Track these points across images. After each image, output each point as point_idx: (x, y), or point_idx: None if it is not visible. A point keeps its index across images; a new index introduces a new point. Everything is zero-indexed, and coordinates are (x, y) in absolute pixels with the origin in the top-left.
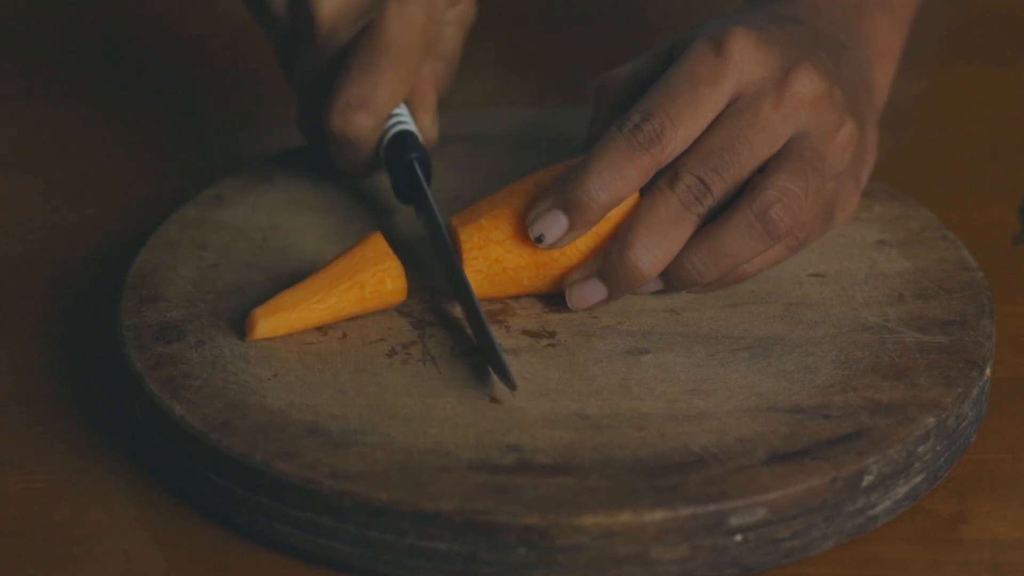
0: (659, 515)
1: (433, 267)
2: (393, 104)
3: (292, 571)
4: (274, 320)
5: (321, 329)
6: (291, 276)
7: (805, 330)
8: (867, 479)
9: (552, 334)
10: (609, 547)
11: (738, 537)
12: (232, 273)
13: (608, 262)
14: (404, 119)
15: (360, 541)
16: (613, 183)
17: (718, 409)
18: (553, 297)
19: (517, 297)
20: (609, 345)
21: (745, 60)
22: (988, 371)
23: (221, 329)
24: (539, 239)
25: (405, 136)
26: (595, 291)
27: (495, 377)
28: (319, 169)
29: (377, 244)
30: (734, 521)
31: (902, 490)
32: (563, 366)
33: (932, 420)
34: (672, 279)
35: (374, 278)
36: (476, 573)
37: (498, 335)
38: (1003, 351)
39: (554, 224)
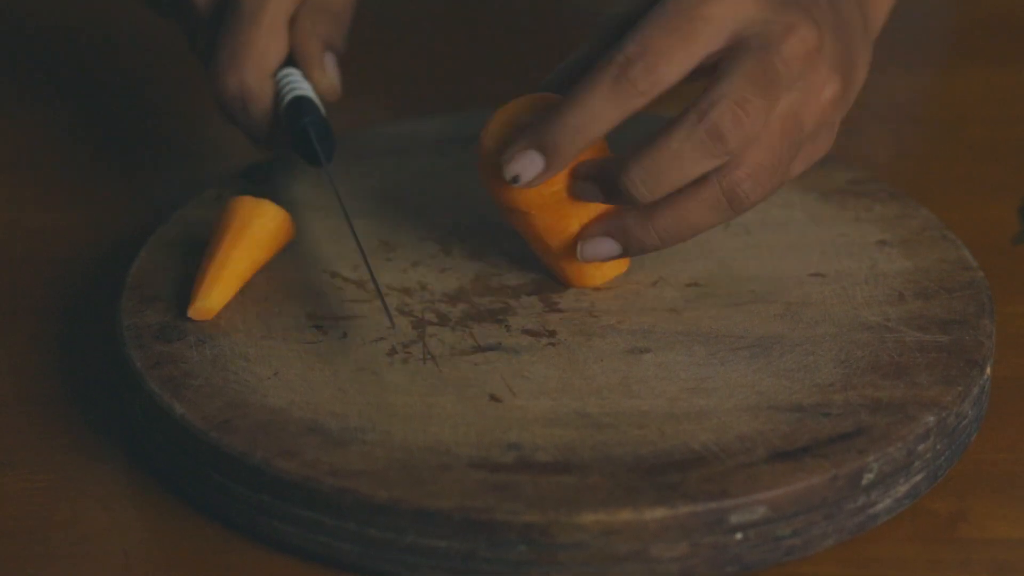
0: (659, 513)
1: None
2: (268, 57)
3: (292, 570)
4: (210, 298)
5: (321, 328)
6: (291, 276)
7: (805, 329)
8: (867, 477)
9: (552, 333)
10: (609, 545)
11: (738, 535)
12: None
13: (603, 175)
14: (297, 84)
15: (360, 539)
16: (591, 126)
17: (718, 407)
18: (554, 297)
19: (518, 296)
20: (609, 344)
21: (737, 6)
22: (988, 370)
23: (221, 328)
24: (514, 179)
25: (297, 103)
26: (605, 247)
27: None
28: (319, 169)
29: (244, 205)
30: (734, 519)
31: (902, 489)
32: (563, 365)
33: (932, 419)
34: (633, 245)
35: (261, 227)
36: (476, 571)
37: (499, 334)
38: (1003, 350)
39: (531, 164)
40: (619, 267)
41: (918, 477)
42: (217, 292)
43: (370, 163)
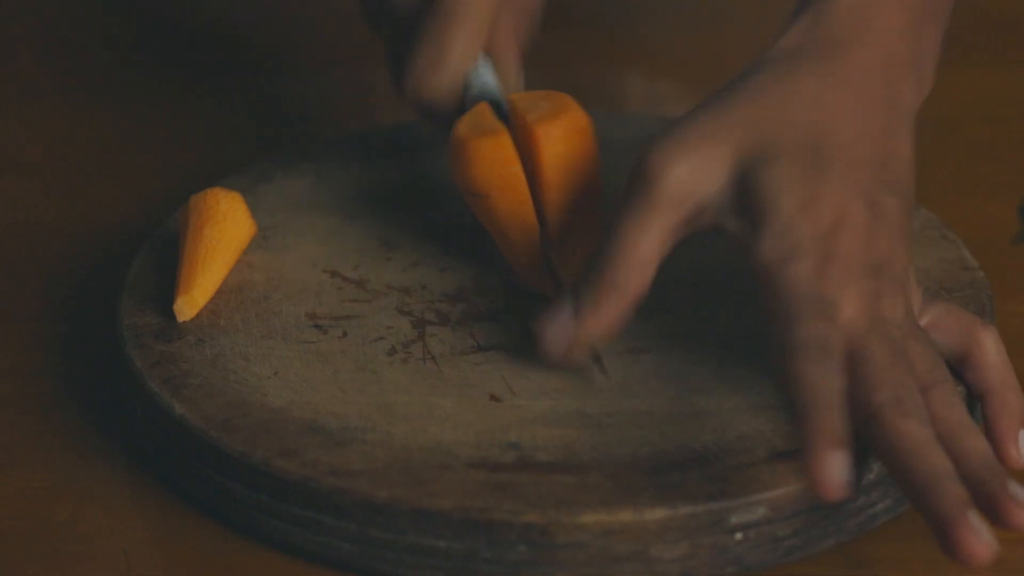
0: (659, 513)
1: (431, 265)
2: (465, 62)
3: (292, 570)
4: (192, 294)
5: (321, 328)
6: (291, 276)
7: None
8: (867, 477)
9: None
10: (609, 545)
11: (738, 535)
12: (232, 272)
13: None
14: (486, 77)
15: (360, 539)
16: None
17: (718, 407)
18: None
19: (518, 296)
20: (609, 344)
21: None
22: None
23: (221, 328)
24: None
25: (486, 96)
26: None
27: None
28: (319, 169)
29: (206, 201)
30: (734, 519)
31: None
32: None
33: None
34: None
35: (228, 223)
36: (476, 571)
37: (499, 334)
38: None
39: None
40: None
41: None
42: (197, 287)
43: (370, 163)
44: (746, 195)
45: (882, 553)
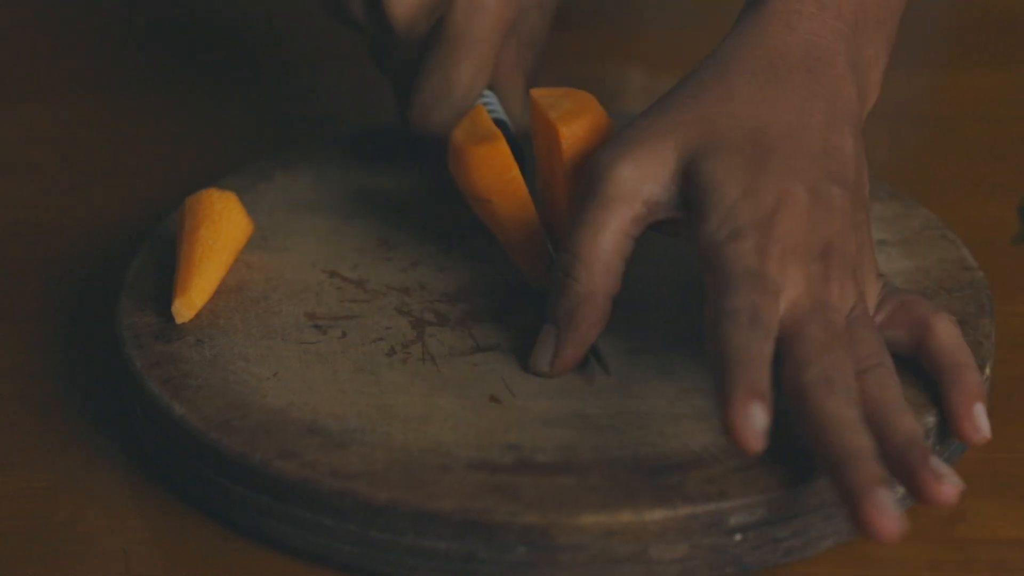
0: (659, 514)
1: (433, 266)
2: (470, 96)
3: (292, 570)
4: (189, 296)
5: (320, 328)
6: (290, 276)
7: None
8: None
9: None
10: (609, 546)
11: (738, 536)
12: (232, 272)
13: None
14: (494, 107)
15: (360, 540)
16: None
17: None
18: None
19: (518, 296)
20: (609, 344)
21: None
22: (988, 370)
23: (220, 328)
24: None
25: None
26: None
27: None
28: (319, 169)
29: (201, 202)
30: (734, 520)
31: (902, 489)
32: None
33: (932, 419)
34: None
35: (224, 223)
36: (476, 572)
37: (498, 334)
38: (1003, 350)
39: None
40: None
41: None
42: (194, 288)
43: (370, 163)
44: (691, 187)
45: (882, 553)
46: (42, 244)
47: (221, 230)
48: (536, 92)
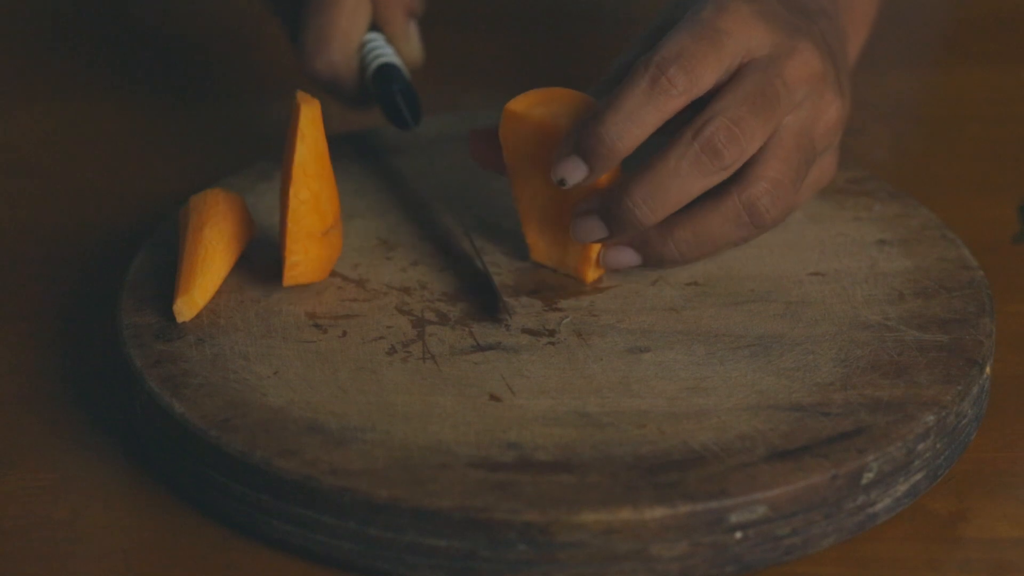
0: (659, 512)
1: (434, 264)
2: (350, 37)
3: (292, 569)
4: (192, 295)
5: (321, 327)
6: None
7: (805, 328)
8: (867, 476)
9: (552, 332)
10: (609, 544)
11: (738, 534)
12: (232, 272)
13: (610, 203)
14: (382, 50)
15: (360, 538)
16: (630, 130)
17: (718, 407)
18: (553, 296)
19: (518, 295)
20: (609, 343)
21: (751, 27)
22: (988, 369)
23: (221, 327)
24: (561, 182)
25: (384, 69)
26: (594, 227)
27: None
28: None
29: (206, 201)
30: (734, 518)
31: (902, 488)
32: (563, 364)
33: (932, 418)
34: (652, 257)
35: (229, 223)
36: (476, 570)
37: (498, 333)
38: (1003, 350)
39: (575, 169)
40: (582, 257)
41: (918, 476)
42: (197, 288)
43: (370, 163)
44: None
45: (882, 553)
46: (42, 244)
47: (225, 230)
48: (532, 101)
